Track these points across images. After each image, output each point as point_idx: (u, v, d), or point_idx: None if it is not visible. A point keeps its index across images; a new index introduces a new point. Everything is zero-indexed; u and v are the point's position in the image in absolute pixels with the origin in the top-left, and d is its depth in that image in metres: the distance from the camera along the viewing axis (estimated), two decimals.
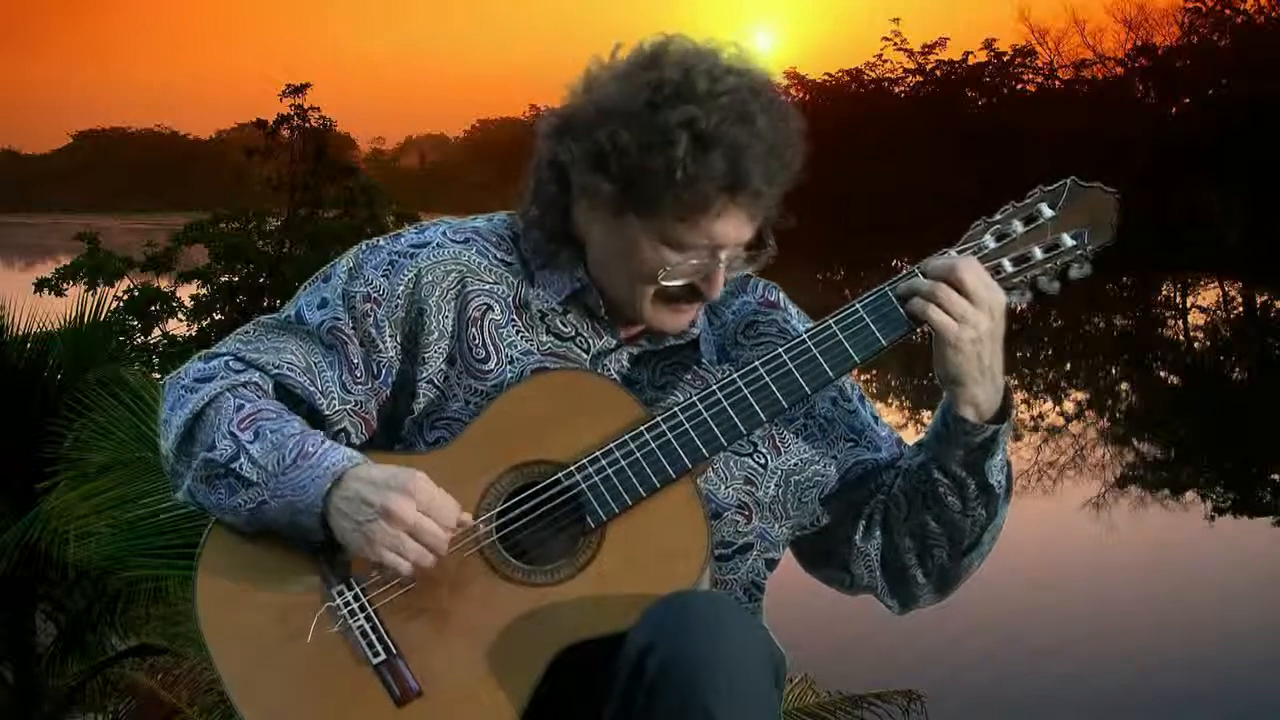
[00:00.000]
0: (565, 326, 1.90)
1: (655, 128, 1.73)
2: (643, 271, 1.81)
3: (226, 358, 1.90)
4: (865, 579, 2.02)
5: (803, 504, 1.98)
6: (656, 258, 1.80)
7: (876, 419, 2.04)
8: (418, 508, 1.72)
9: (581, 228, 1.86)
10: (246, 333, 1.94)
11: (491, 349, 1.88)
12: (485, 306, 1.89)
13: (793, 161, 1.80)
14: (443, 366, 1.88)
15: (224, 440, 1.80)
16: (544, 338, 1.90)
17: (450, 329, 1.88)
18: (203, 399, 1.84)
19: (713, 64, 1.77)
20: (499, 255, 1.92)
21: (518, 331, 1.89)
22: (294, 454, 1.77)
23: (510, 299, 1.90)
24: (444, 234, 1.93)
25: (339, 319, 1.89)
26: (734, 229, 1.80)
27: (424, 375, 1.88)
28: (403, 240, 1.93)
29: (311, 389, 1.88)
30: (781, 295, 2.03)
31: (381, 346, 1.88)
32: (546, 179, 1.85)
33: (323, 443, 1.79)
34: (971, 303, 1.78)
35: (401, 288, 1.88)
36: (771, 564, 2.00)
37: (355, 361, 1.88)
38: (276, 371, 1.88)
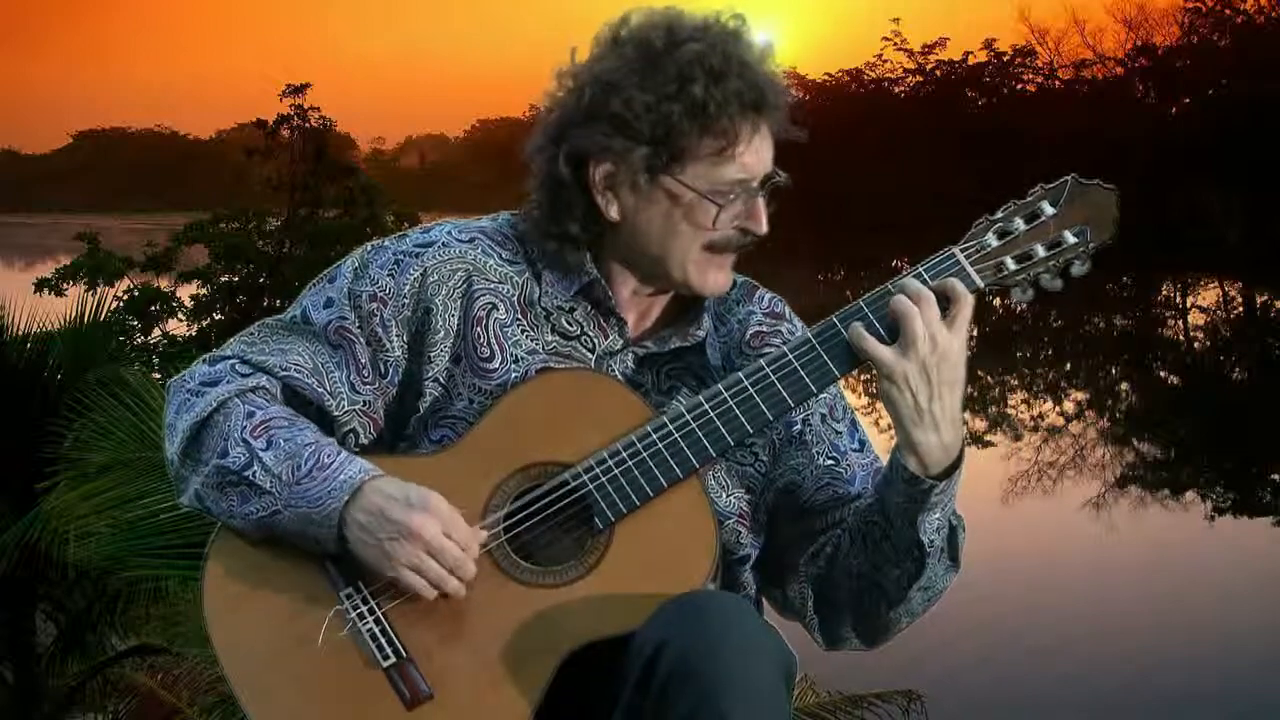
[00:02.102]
0: (571, 325, 1.90)
1: (669, 75, 1.79)
2: (689, 229, 1.84)
3: (232, 360, 1.89)
4: (797, 602, 1.98)
5: (773, 510, 1.97)
6: (701, 208, 1.82)
7: (863, 446, 2.01)
8: (441, 529, 1.73)
9: (611, 217, 1.85)
10: (251, 334, 1.93)
11: (496, 348, 1.88)
12: (490, 305, 1.89)
13: (781, 74, 1.86)
14: (448, 365, 1.88)
15: (236, 447, 1.80)
16: (549, 337, 1.90)
17: (455, 327, 1.88)
18: (210, 404, 1.84)
19: (679, 16, 1.84)
20: (504, 255, 1.92)
21: (523, 331, 1.89)
22: (310, 464, 1.77)
23: (516, 298, 1.90)
24: (449, 233, 1.94)
25: (345, 318, 1.89)
26: (762, 155, 1.85)
27: (430, 374, 1.88)
28: (408, 240, 1.94)
29: (320, 390, 1.87)
30: (786, 308, 2.03)
31: (388, 345, 1.88)
32: (564, 180, 1.85)
33: (338, 454, 1.79)
34: (907, 343, 1.75)
35: (408, 286, 1.88)
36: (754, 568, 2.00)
37: (363, 361, 1.88)
38: (284, 374, 1.88)
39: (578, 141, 1.83)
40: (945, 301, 1.78)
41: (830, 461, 1.97)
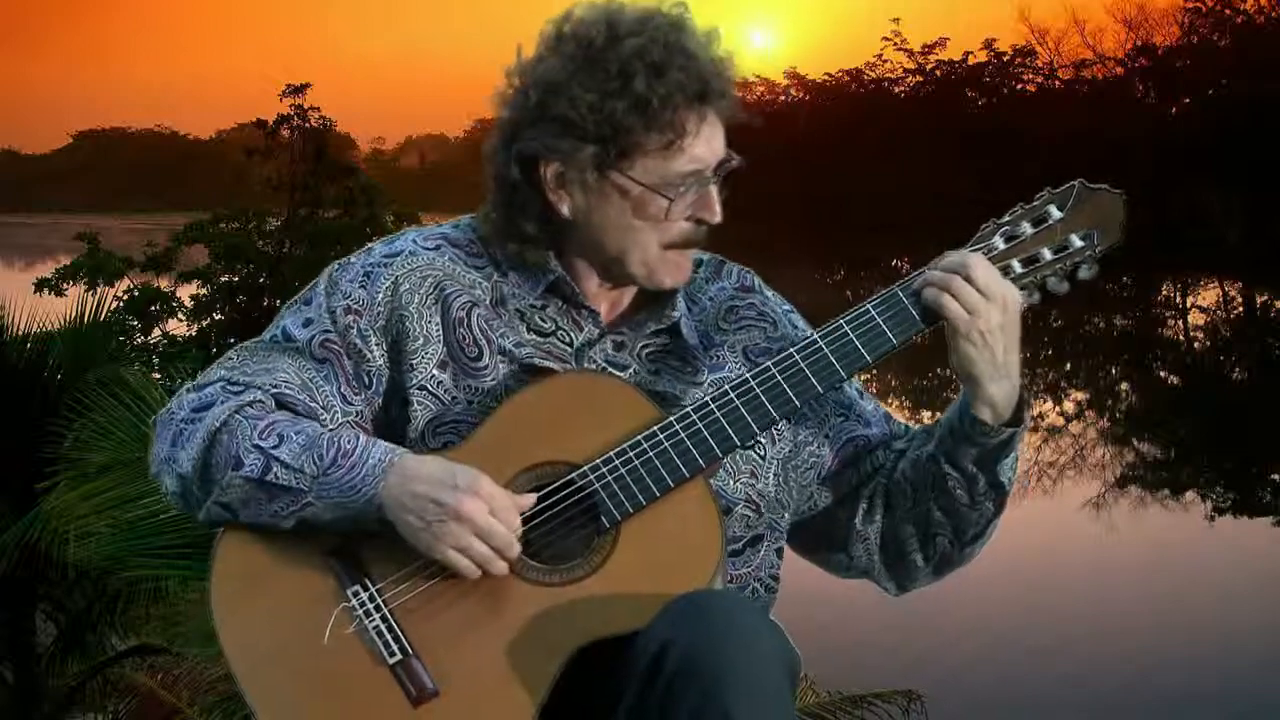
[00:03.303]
0: (545, 322, 1.91)
1: (610, 73, 1.78)
2: (644, 224, 1.84)
3: (219, 383, 1.88)
4: (864, 562, 2.02)
5: (802, 488, 1.99)
6: (657, 202, 1.82)
7: (862, 394, 2.06)
8: (489, 510, 1.73)
9: (566, 216, 1.86)
10: (231, 359, 1.92)
11: (484, 344, 1.89)
12: (469, 304, 1.90)
13: (729, 59, 1.85)
14: (434, 372, 1.88)
15: (250, 455, 1.78)
16: (527, 335, 1.91)
17: (436, 333, 1.89)
18: (212, 425, 1.82)
19: (621, 10, 1.83)
20: (470, 260, 1.93)
21: (502, 330, 1.90)
22: (331, 452, 1.77)
23: (488, 300, 1.91)
24: (414, 241, 1.95)
25: (328, 331, 1.89)
26: (712, 144, 1.84)
27: (414, 382, 1.88)
28: (374, 253, 1.95)
29: (312, 404, 1.87)
30: (757, 280, 2.05)
31: (369, 356, 1.88)
32: (516, 182, 1.86)
33: (358, 438, 1.79)
34: (984, 296, 1.80)
35: (380, 296, 1.89)
36: (780, 553, 2.02)
37: (350, 373, 1.88)
38: (275, 390, 1.87)
39: (526, 143, 1.83)
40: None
41: (840, 418, 2.00)
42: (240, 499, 1.80)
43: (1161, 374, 22.78)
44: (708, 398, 1.83)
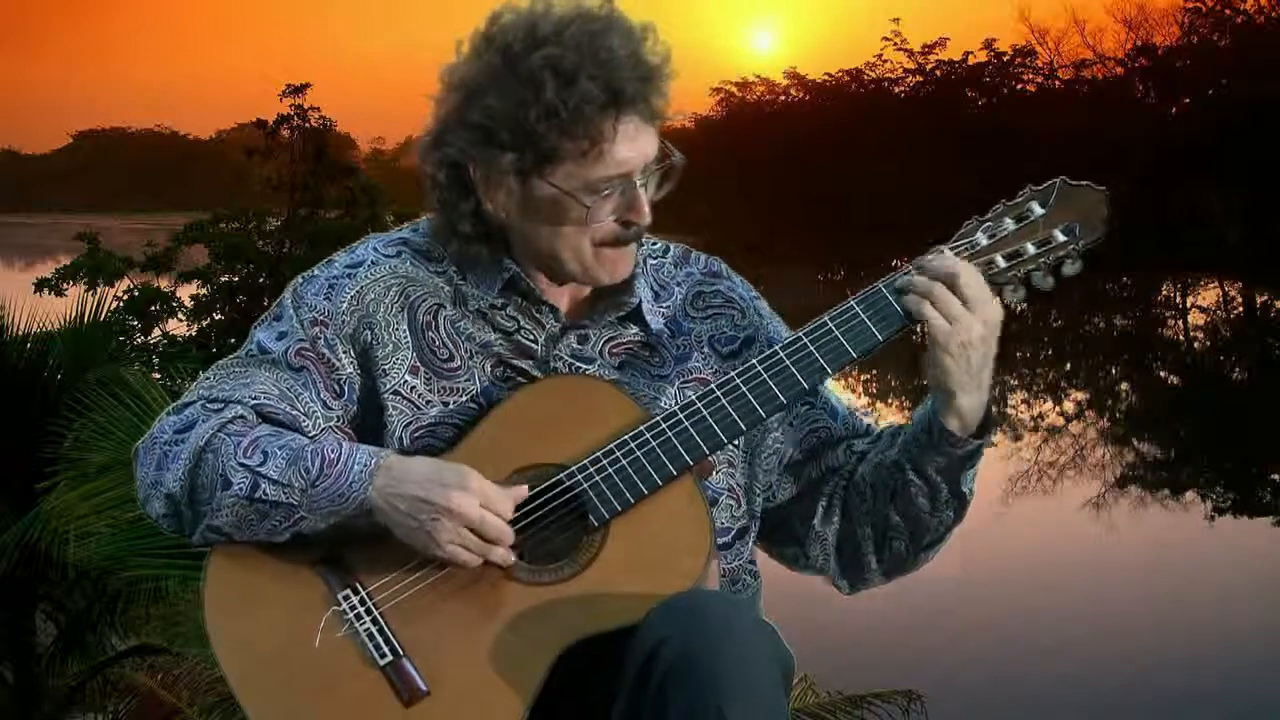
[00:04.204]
0: (507, 321, 1.92)
1: (520, 82, 1.77)
2: (571, 228, 1.84)
3: (199, 403, 1.88)
4: (819, 561, 2.03)
5: (765, 474, 2.00)
6: (578, 208, 1.82)
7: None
8: (480, 503, 1.74)
9: (499, 217, 1.87)
10: (208, 378, 1.93)
11: (453, 347, 1.90)
12: (436, 306, 1.91)
13: (659, 59, 1.82)
14: (406, 378, 1.89)
15: (236, 474, 1.79)
16: (492, 335, 1.91)
17: (405, 339, 1.90)
18: (196, 445, 1.82)
19: (545, 13, 1.81)
20: (429, 265, 1.94)
21: (471, 325, 1.91)
22: (317, 463, 1.77)
23: (452, 300, 1.92)
24: (375, 249, 1.96)
25: (302, 340, 1.90)
26: (637, 147, 1.82)
27: (387, 388, 1.88)
28: (336, 264, 1.96)
29: (294, 413, 1.87)
30: (724, 266, 2.06)
31: (338, 365, 1.89)
32: (446, 185, 1.87)
33: (340, 445, 1.80)
34: (966, 306, 1.80)
35: (345, 305, 1.90)
36: (755, 539, 2.03)
37: (327, 380, 1.89)
38: (254, 402, 1.87)
39: (449, 148, 1.84)
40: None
41: (806, 406, 2.01)
42: (232, 522, 1.80)
43: (1161, 374, 22.80)
44: (694, 396, 1.84)
